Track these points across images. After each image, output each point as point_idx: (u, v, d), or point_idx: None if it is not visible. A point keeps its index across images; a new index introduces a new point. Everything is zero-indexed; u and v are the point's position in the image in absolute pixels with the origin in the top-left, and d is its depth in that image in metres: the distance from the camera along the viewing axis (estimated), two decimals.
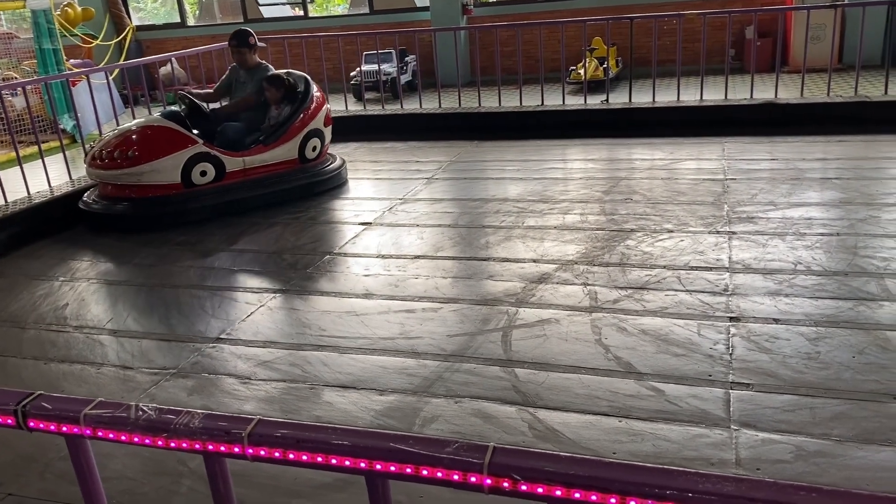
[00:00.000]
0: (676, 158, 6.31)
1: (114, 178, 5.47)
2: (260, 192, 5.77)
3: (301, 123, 6.03)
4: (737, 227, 4.52)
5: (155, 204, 5.48)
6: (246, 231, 5.27)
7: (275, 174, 5.89)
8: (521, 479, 0.86)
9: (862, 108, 6.96)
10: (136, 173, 5.38)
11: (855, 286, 3.62)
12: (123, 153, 5.35)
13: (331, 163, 6.36)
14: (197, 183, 5.54)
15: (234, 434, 0.99)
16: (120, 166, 5.36)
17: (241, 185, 5.73)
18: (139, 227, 5.44)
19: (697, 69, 7.66)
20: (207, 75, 8.86)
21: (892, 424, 2.57)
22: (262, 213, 5.63)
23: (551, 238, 4.61)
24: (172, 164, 5.43)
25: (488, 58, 9.79)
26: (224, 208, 5.61)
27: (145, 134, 5.47)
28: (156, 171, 5.41)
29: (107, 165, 5.40)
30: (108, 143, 5.47)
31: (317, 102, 6.20)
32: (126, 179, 5.43)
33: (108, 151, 5.40)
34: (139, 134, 5.46)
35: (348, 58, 9.90)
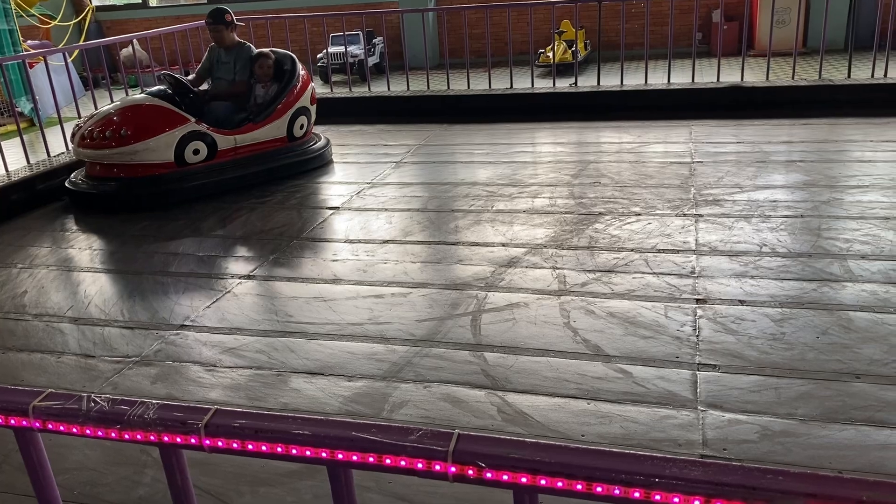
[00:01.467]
0: (644, 142, 6.33)
1: (105, 158, 5.34)
2: (252, 171, 5.75)
3: (289, 101, 6.03)
4: (703, 209, 4.55)
5: (147, 183, 5.38)
6: (210, 215, 5.19)
7: (264, 153, 5.89)
8: (486, 466, 0.84)
9: (826, 92, 7.05)
10: (128, 152, 5.27)
11: (818, 267, 3.66)
12: (115, 132, 5.24)
13: (316, 141, 6.39)
14: (189, 162, 5.48)
15: (191, 425, 0.96)
16: (111, 146, 5.25)
17: (231, 163, 5.69)
18: (130, 206, 5.37)
19: (665, 52, 7.70)
20: (170, 57, 8.68)
21: (854, 403, 2.61)
22: (227, 197, 5.53)
23: (520, 222, 4.60)
24: (165, 142, 5.36)
25: (457, 40, 9.73)
26: (214, 187, 5.57)
27: (137, 112, 5.38)
28: (149, 150, 5.32)
29: (97, 144, 5.28)
30: (98, 122, 5.35)
31: (303, 80, 6.19)
32: (118, 159, 5.31)
33: (98, 130, 5.28)
34: (131, 112, 5.38)
35: (315, 39, 9.76)
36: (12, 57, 7.73)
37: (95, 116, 5.47)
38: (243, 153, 5.77)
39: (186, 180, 5.48)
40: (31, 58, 7.93)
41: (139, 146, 5.28)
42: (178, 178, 5.45)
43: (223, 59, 5.96)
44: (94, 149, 5.32)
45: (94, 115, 5.57)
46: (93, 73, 8.73)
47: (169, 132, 5.37)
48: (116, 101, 5.65)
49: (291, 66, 6.15)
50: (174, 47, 8.75)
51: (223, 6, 6.21)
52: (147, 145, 5.31)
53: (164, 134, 5.35)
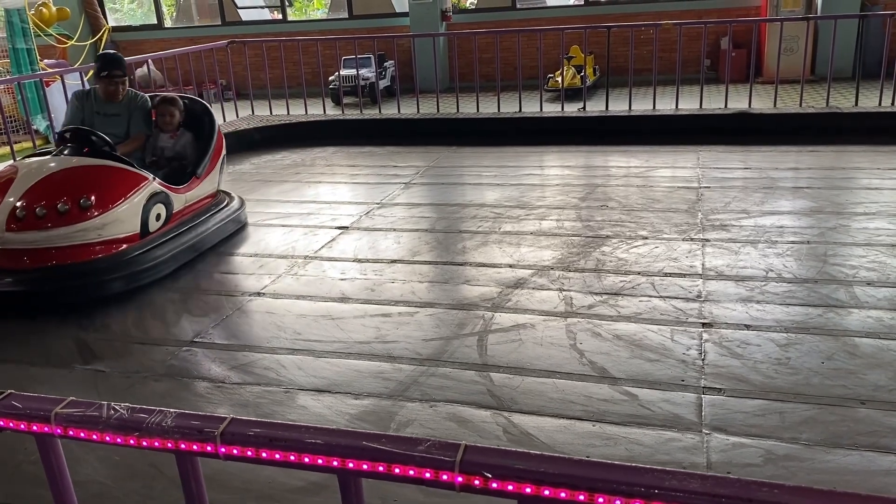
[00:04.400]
0: (652, 166, 6.37)
1: (56, 240, 4.02)
2: (204, 231, 4.84)
3: (218, 149, 5.24)
4: (710, 234, 4.58)
5: (111, 265, 4.16)
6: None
7: (199, 210, 4.99)
8: (492, 476, 0.87)
9: (833, 119, 7.09)
10: (93, 227, 4.09)
11: (824, 293, 3.68)
12: (71, 203, 4.04)
13: (227, 200, 5.36)
14: (152, 229, 4.46)
15: (207, 433, 0.99)
16: (66, 223, 4.02)
17: (182, 225, 4.72)
18: (87, 299, 4.09)
19: (673, 78, 7.76)
20: (184, 77, 8.81)
21: (859, 429, 2.61)
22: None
23: (528, 243, 4.63)
24: (133, 208, 4.29)
25: (467, 64, 9.86)
26: (183, 255, 4.58)
27: (89, 174, 4.26)
28: (118, 221, 4.20)
29: (41, 224, 3.98)
30: (31, 196, 4.04)
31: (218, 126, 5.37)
32: (78, 238, 4.06)
33: (39, 206, 4.01)
34: (80, 175, 4.23)
35: (327, 62, 9.89)
36: (30, 76, 7.86)
37: (12, 191, 4.09)
38: (188, 213, 4.87)
39: (153, 253, 4.36)
40: (47, 77, 8.07)
41: (108, 217, 4.13)
42: (144, 251, 4.31)
43: (109, 112, 4.84)
44: (41, 230, 3.98)
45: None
46: None
47: (136, 193, 4.32)
48: (25, 168, 4.25)
49: (203, 109, 5.30)
50: (188, 68, 8.88)
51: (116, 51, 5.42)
52: (115, 215, 4.17)
53: (132, 196, 4.29)
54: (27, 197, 4.04)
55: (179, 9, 14.37)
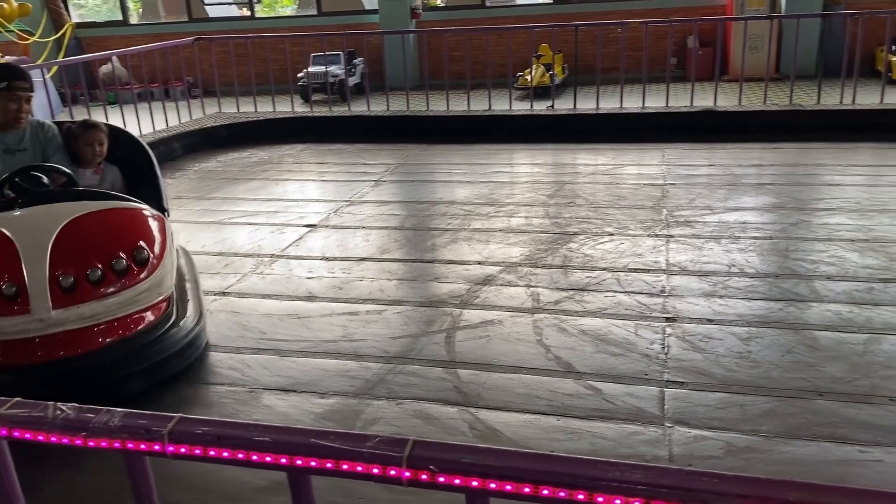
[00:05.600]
0: (619, 164, 6.43)
1: (117, 308, 2.98)
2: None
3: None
4: (674, 230, 4.63)
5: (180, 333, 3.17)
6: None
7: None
8: (439, 470, 0.87)
9: (796, 117, 7.22)
10: (155, 284, 3.13)
11: (785, 288, 3.75)
12: (127, 256, 3.06)
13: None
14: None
15: (155, 432, 0.98)
16: (131, 281, 3.02)
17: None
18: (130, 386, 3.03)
19: (640, 77, 7.84)
20: (150, 75, 8.70)
21: (817, 420, 2.67)
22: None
23: (496, 240, 4.65)
24: (173, 256, 3.44)
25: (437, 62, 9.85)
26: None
27: (115, 218, 3.26)
28: (168, 274, 3.27)
29: (101, 291, 2.94)
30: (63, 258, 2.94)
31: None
32: (142, 300, 3.07)
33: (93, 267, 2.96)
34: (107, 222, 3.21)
35: (295, 59, 9.83)
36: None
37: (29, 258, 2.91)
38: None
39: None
40: None
41: (162, 269, 3.20)
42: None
43: (13, 146, 3.54)
44: (99, 299, 2.92)
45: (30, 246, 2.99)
46: (71, 90, 8.72)
47: (170, 238, 3.44)
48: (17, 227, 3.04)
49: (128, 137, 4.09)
50: (154, 65, 8.77)
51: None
52: (165, 267, 3.24)
53: (169, 242, 3.40)
54: (60, 261, 2.88)
55: (145, 5, 14.18)
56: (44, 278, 2.83)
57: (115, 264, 3.00)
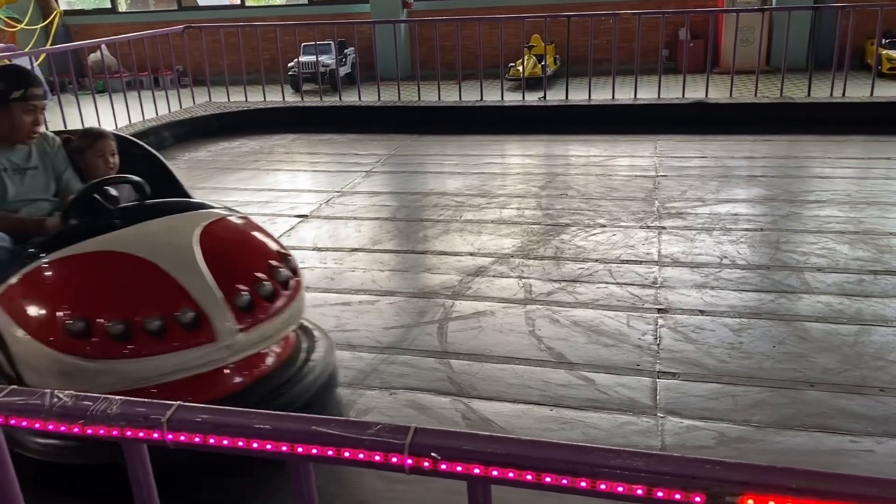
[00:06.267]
0: (611, 155, 6.44)
1: (287, 325, 2.58)
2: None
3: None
4: (666, 222, 4.64)
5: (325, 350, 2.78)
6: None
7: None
8: (441, 458, 0.87)
9: (787, 109, 7.24)
10: (304, 296, 2.73)
11: (777, 279, 3.76)
12: (284, 265, 2.62)
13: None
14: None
15: (154, 420, 0.98)
16: (295, 293, 2.60)
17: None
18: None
19: (632, 68, 7.83)
20: (139, 63, 8.63)
21: (808, 411, 2.68)
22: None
23: (488, 232, 4.65)
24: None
25: (428, 52, 9.82)
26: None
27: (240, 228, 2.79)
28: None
29: (275, 306, 2.49)
30: (224, 271, 2.45)
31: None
32: (300, 314, 2.68)
33: (262, 280, 2.49)
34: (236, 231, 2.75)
35: (286, 48, 9.76)
36: None
37: (189, 276, 2.38)
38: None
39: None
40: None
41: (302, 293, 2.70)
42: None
43: (22, 164, 2.94)
44: (276, 315, 2.48)
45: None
46: (60, 78, 8.64)
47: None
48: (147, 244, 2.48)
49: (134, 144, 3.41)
50: (144, 53, 8.70)
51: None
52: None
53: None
54: (222, 278, 2.40)
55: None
56: (219, 299, 2.32)
57: (277, 275, 2.52)
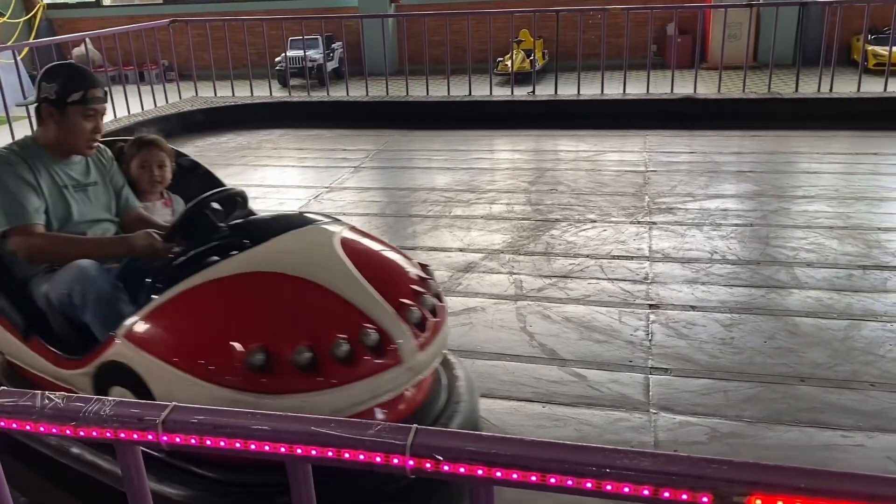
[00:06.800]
0: (600, 150, 6.43)
1: (445, 344, 2.32)
2: None
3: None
4: (657, 217, 4.65)
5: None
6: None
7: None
8: (444, 459, 0.86)
9: (775, 105, 7.27)
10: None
11: (767, 274, 3.77)
12: (431, 279, 2.36)
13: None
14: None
15: (148, 421, 0.95)
16: (444, 310, 2.33)
17: None
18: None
19: (621, 63, 7.83)
20: (124, 58, 8.53)
21: (799, 405, 2.69)
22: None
23: (478, 227, 4.63)
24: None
25: (416, 47, 9.78)
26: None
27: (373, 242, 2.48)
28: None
29: (439, 322, 2.23)
30: (386, 285, 2.17)
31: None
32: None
33: (426, 294, 2.23)
34: (373, 243, 2.45)
35: (273, 43, 9.69)
36: None
37: (352, 291, 2.10)
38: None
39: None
40: None
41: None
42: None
43: (82, 180, 2.57)
44: (440, 332, 2.22)
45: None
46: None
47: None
48: (302, 262, 2.19)
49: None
50: (129, 48, 8.61)
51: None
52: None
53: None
54: (385, 290, 2.14)
55: None
56: (392, 315, 2.07)
57: (430, 287, 2.29)
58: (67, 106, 2.39)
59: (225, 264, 2.12)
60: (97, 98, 2.44)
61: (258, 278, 2.10)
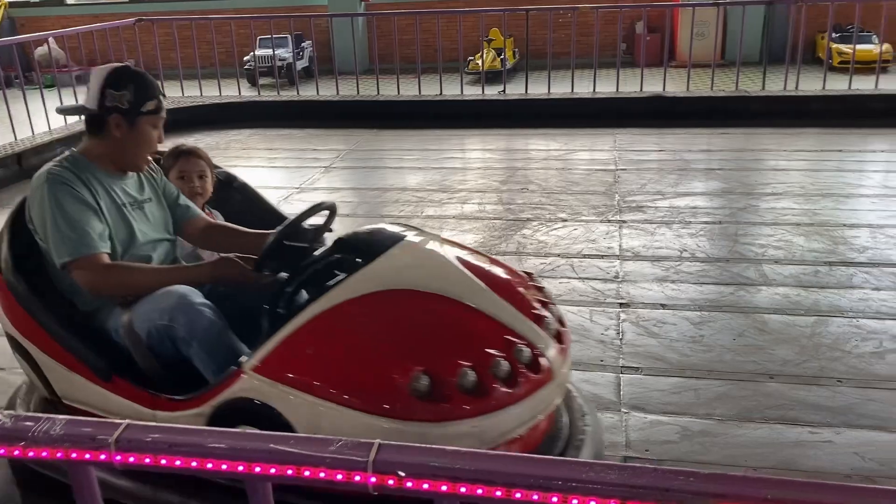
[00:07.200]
0: (571, 149, 6.45)
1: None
2: None
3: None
4: (627, 216, 4.67)
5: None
6: None
7: None
8: (406, 475, 0.84)
9: (742, 102, 7.35)
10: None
11: (735, 272, 3.80)
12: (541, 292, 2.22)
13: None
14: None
15: (101, 440, 0.92)
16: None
17: None
18: None
19: (591, 62, 7.86)
20: (89, 57, 8.38)
21: (768, 403, 2.71)
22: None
23: (450, 227, 4.62)
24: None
25: (387, 45, 9.74)
26: None
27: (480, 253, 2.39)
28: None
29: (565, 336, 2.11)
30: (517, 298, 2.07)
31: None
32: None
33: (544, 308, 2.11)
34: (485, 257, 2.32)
35: (242, 42, 9.59)
36: None
37: (491, 307, 1.99)
38: None
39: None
40: None
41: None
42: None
43: (138, 196, 2.33)
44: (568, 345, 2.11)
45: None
46: (5, 72, 8.35)
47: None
48: (442, 277, 2.07)
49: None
50: (93, 47, 8.46)
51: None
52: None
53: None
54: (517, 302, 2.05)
55: None
56: (537, 328, 1.98)
57: (546, 295, 2.21)
58: (140, 116, 2.17)
59: (350, 284, 1.96)
60: (164, 107, 2.26)
61: (393, 297, 1.95)
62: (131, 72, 2.22)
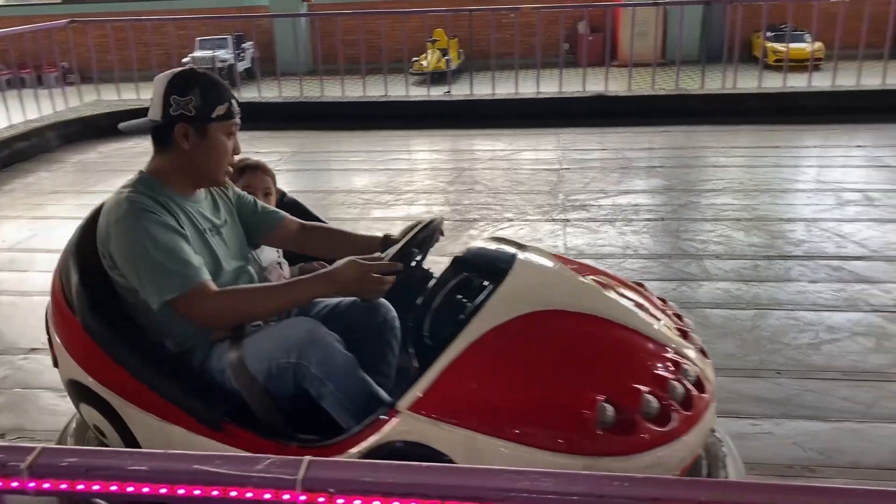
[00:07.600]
0: (516, 149, 6.48)
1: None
2: None
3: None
4: (571, 214, 4.70)
5: None
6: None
7: None
8: (336, 492, 0.81)
9: (683, 101, 7.49)
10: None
11: (677, 267, 3.86)
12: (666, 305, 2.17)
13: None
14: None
15: (12, 467, 0.87)
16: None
17: None
18: None
19: (534, 62, 7.92)
20: (19, 61, 8.09)
21: None
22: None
23: (397, 230, 4.57)
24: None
25: (330, 46, 9.66)
26: None
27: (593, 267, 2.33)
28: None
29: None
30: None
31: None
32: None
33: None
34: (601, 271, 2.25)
35: (181, 43, 9.38)
36: None
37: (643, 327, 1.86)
38: None
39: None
40: None
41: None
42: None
43: (216, 220, 2.05)
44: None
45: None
46: None
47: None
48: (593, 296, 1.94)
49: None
50: (24, 49, 8.17)
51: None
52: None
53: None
54: (665, 317, 2.00)
55: None
56: (689, 346, 1.90)
57: (672, 309, 2.16)
58: (210, 122, 1.88)
59: (491, 308, 1.77)
60: (238, 110, 1.94)
61: (542, 319, 1.78)
62: (197, 74, 1.92)
